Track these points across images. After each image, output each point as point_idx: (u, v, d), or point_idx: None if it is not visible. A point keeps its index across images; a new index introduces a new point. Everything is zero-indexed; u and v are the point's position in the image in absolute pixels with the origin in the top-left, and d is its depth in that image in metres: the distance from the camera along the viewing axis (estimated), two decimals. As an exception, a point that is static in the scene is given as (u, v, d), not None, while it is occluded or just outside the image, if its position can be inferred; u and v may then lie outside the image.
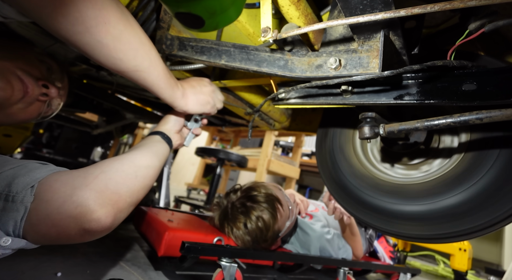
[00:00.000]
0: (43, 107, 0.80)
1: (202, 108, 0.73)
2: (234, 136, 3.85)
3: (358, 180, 0.76)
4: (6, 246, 0.43)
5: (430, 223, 0.61)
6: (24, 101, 0.73)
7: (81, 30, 0.45)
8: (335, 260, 1.21)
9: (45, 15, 0.43)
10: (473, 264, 2.57)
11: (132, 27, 0.52)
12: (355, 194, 0.75)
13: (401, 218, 0.65)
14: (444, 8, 0.38)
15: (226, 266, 0.85)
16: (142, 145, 0.64)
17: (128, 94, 1.47)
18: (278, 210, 1.06)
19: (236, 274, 0.87)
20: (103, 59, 0.51)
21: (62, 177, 0.47)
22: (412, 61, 0.56)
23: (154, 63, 0.58)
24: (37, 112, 0.80)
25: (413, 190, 0.66)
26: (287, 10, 0.58)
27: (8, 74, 0.69)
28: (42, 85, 0.76)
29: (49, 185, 0.46)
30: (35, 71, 0.75)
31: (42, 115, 0.83)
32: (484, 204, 0.55)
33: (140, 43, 0.54)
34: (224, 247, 0.89)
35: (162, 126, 0.74)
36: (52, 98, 0.81)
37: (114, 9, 0.48)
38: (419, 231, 0.62)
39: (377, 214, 0.69)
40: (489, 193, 0.55)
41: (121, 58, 0.52)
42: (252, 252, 0.96)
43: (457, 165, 0.63)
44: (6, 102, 0.69)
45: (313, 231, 1.27)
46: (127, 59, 0.53)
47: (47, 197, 0.44)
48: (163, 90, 0.63)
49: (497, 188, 0.54)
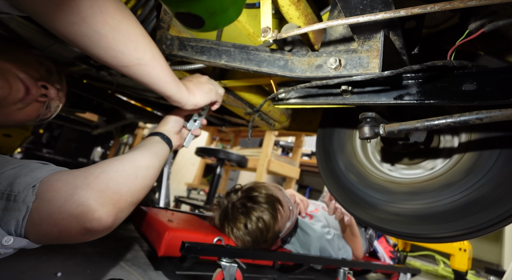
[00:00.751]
0: (42, 109, 0.81)
1: (209, 97, 0.72)
2: (234, 136, 3.85)
3: (358, 180, 0.76)
4: (8, 245, 0.43)
5: (430, 223, 0.61)
6: (23, 102, 0.73)
7: (77, 20, 0.44)
8: (335, 260, 1.21)
9: (38, 7, 0.42)
10: (473, 264, 2.57)
11: (130, 18, 0.50)
12: (355, 194, 0.75)
13: (401, 218, 0.65)
14: (444, 8, 0.38)
15: (226, 266, 0.86)
16: (142, 146, 0.64)
17: (128, 94, 1.47)
18: (279, 211, 1.06)
19: (236, 274, 0.87)
20: (103, 52, 0.49)
21: (63, 176, 0.47)
22: (412, 61, 0.56)
23: (156, 56, 0.55)
24: (36, 113, 0.80)
25: (413, 190, 0.66)
26: (287, 10, 0.58)
27: (8, 75, 0.69)
28: (41, 86, 0.76)
29: (51, 185, 0.46)
30: (34, 73, 0.75)
31: (41, 117, 0.83)
32: (484, 204, 0.55)
33: (141, 34, 0.52)
34: (224, 247, 0.89)
35: (162, 127, 0.74)
36: (51, 99, 0.81)
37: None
38: (419, 231, 0.62)
39: (377, 213, 0.69)
40: (489, 193, 0.55)
41: (122, 50, 0.50)
42: (252, 252, 0.96)
43: (457, 165, 0.63)
44: (3, 101, 0.69)
45: (313, 231, 1.27)
46: (128, 51, 0.50)
47: (48, 196, 0.44)
48: (169, 84, 0.60)
49: (498, 188, 0.54)
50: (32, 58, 0.77)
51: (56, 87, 0.81)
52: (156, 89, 0.59)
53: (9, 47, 0.78)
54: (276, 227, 1.05)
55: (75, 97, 1.48)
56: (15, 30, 0.84)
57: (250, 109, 1.08)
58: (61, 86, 0.85)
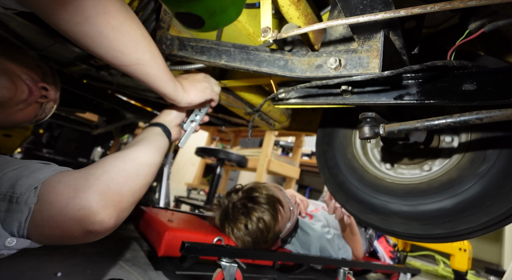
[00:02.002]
0: (39, 110, 0.82)
1: (204, 95, 0.73)
2: (234, 136, 3.85)
3: (358, 179, 0.76)
4: (11, 246, 0.43)
5: (430, 223, 0.61)
6: (25, 103, 0.75)
7: (81, 20, 0.45)
8: (335, 260, 1.21)
9: (44, 5, 0.43)
10: (473, 264, 2.57)
11: (132, 19, 0.51)
12: (356, 194, 0.75)
13: (401, 217, 0.65)
14: (444, 8, 0.38)
15: (226, 266, 0.86)
16: (144, 139, 0.64)
17: (128, 94, 1.47)
18: (279, 211, 1.06)
19: (236, 274, 0.87)
20: (104, 51, 0.50)
21: (64, 178, 0.47)
22: (412, 61, 0.56)
23: (155, 56, 0.57)
24: (34, 113, 0.82)
25: (414, 190, 0.66)
26: (287, 10, 0.58)
27: (13, 76, 0.71)
28: (41, 88, 0.77)
29: (52, 187, 0.46)
30: (34, 74, 0.77)
31: (38, 117, 0.85)
32: (484, 204, 0.55)
33: (141, 35, 0.53)
34: (224, 247, 0.89)
35: (163, 118, 0.73)
36: (50, 100, 0.82)
37: (114, 0, 0.48)
38: (420, 231, 0.62)
39: (377, 213, 0.69)
40: (489, 193, 0.55)
41: (122, 50, 0.51)
42: (252, 252, 0.96)
43: (457, 165, 0.63)
44: (8, 101, 0.71)
45: (313, 231, 1.27)
46: (129, 51, 0.52)
47: (50, 198, 0.45)
48: (165, 84, 0.62)
49: (498, 188, 0.54)
50: (30, 60, 0.78)
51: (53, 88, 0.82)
52: (153, 87, 0.61)
53: (10, 49, 0.79)
54: (276, 227, 1.05)
55: (75, 97, 1.48)
56: (15, 30, 0.84)
57: (250, 109, 1.08)
58: (56, 88, 0.86)
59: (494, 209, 0.54)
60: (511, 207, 0.52)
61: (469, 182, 0.58)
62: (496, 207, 0.54)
